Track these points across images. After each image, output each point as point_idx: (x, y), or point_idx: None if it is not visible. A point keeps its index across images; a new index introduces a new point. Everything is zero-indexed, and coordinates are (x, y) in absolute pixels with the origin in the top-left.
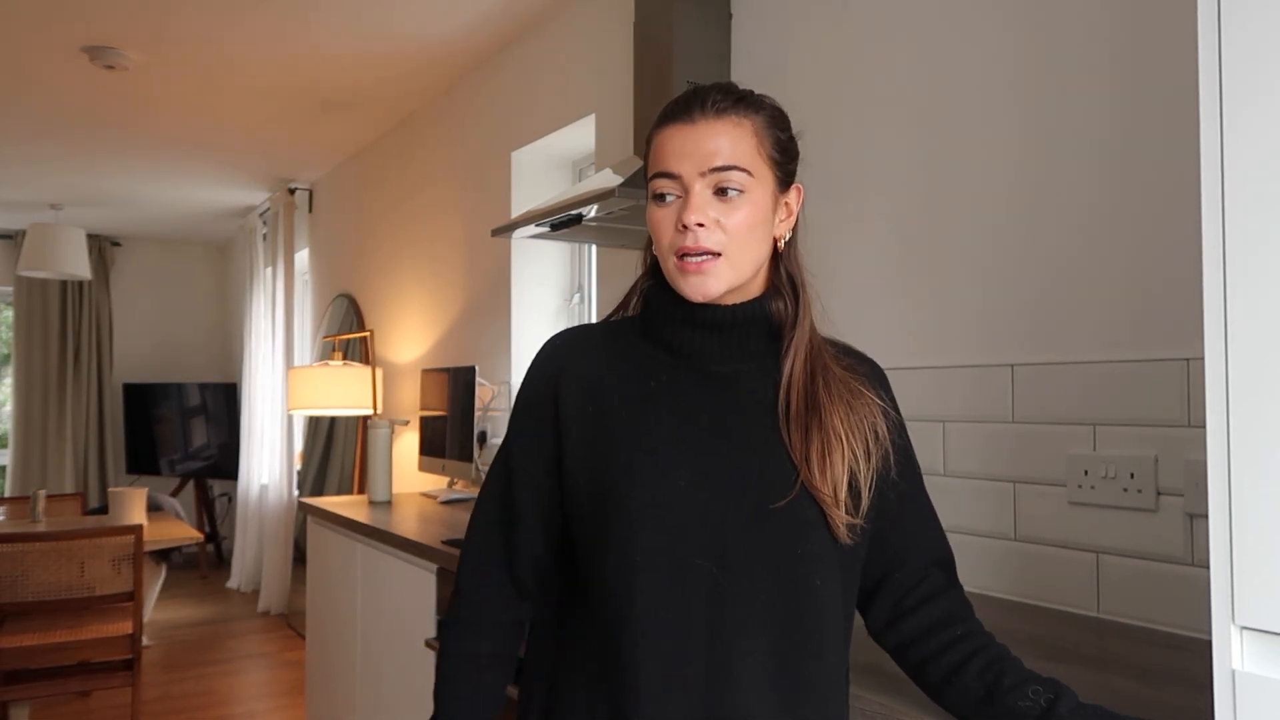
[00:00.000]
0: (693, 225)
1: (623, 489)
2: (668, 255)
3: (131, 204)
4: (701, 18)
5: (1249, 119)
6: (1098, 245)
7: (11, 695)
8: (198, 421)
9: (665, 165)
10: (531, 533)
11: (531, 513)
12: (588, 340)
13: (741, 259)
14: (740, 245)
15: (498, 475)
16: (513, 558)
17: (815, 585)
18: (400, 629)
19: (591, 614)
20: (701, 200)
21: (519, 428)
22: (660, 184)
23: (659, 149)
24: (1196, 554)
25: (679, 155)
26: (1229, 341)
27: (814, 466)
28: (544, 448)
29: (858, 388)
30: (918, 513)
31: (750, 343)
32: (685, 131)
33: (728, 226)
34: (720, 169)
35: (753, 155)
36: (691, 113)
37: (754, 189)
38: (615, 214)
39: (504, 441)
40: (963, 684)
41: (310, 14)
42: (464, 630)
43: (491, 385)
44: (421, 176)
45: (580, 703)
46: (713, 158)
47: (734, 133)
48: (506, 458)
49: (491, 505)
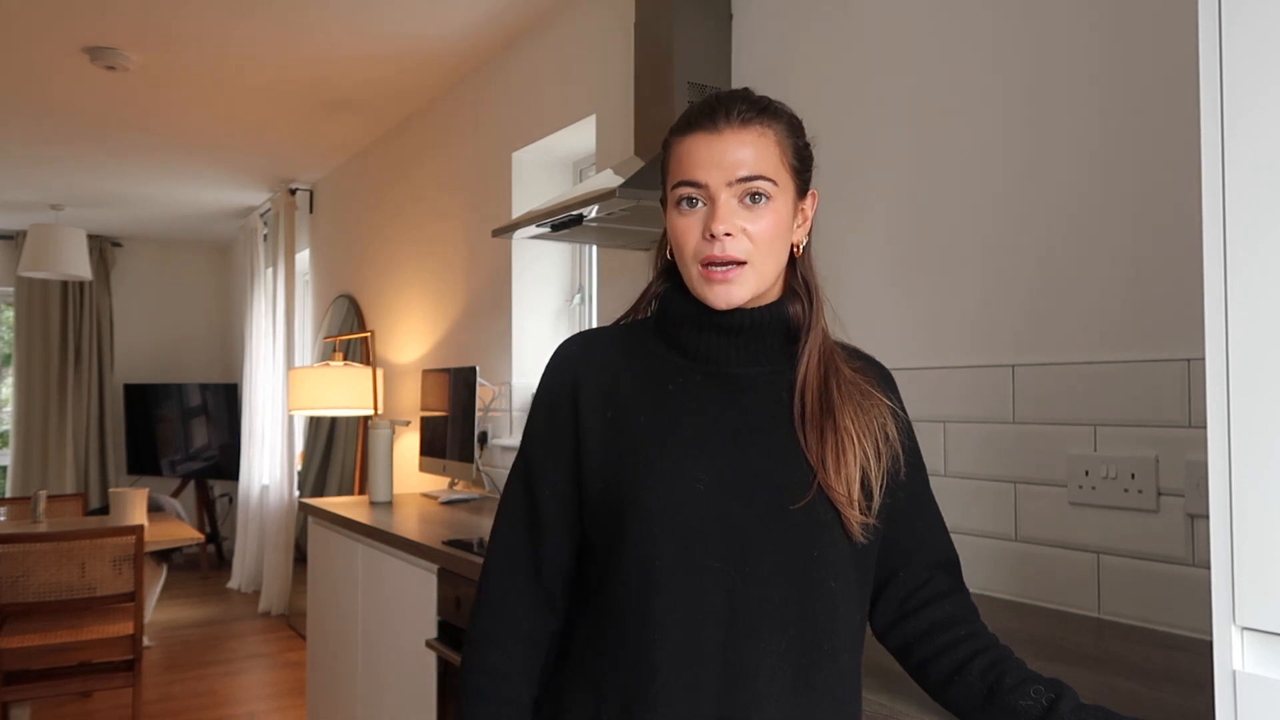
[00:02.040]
0: (721, 235)
1: (640, 492)
2: (691, 263)
3: (132, 204)
4: (702, 18)
5: (1250, 119)
6: (1099, 246)
7: (12, 696)
8: (198, 422)
9: (691, 174)
10: (558, 542)
11: (557, 521)
12: (603, 345)
13: (766, 267)
14: (765, 253)
15: (518, 485)
16: (540, 569)
17: (830, 587)
18: (401, 630)
19: (604, 616)
20: (728, 210)
21: (537, 435)
22: (685, 191)
23: (683, 157)
24: (1197, 554)
25: (705, 164)
26: (1229, 342)
27: (829, 467)
28: (563, 454)
29: (867, 389)
30: (925, 514)
31: (767, 346)
32: (711, 140)
33: (754, 235)
34: (747, 179)
35: (776, 164)
36: (716, 121)
37: (777, 197)
38: (616, 214)
39: (521, 451)
40: (965, 683)
41: (311, 15)
42: (490, 644)
43: (492, 386)
44: (422, 177)
45: (586, 703)
46: (739, 167)
47: (759, 142)
48: (526, 467)
49: (515, 515)
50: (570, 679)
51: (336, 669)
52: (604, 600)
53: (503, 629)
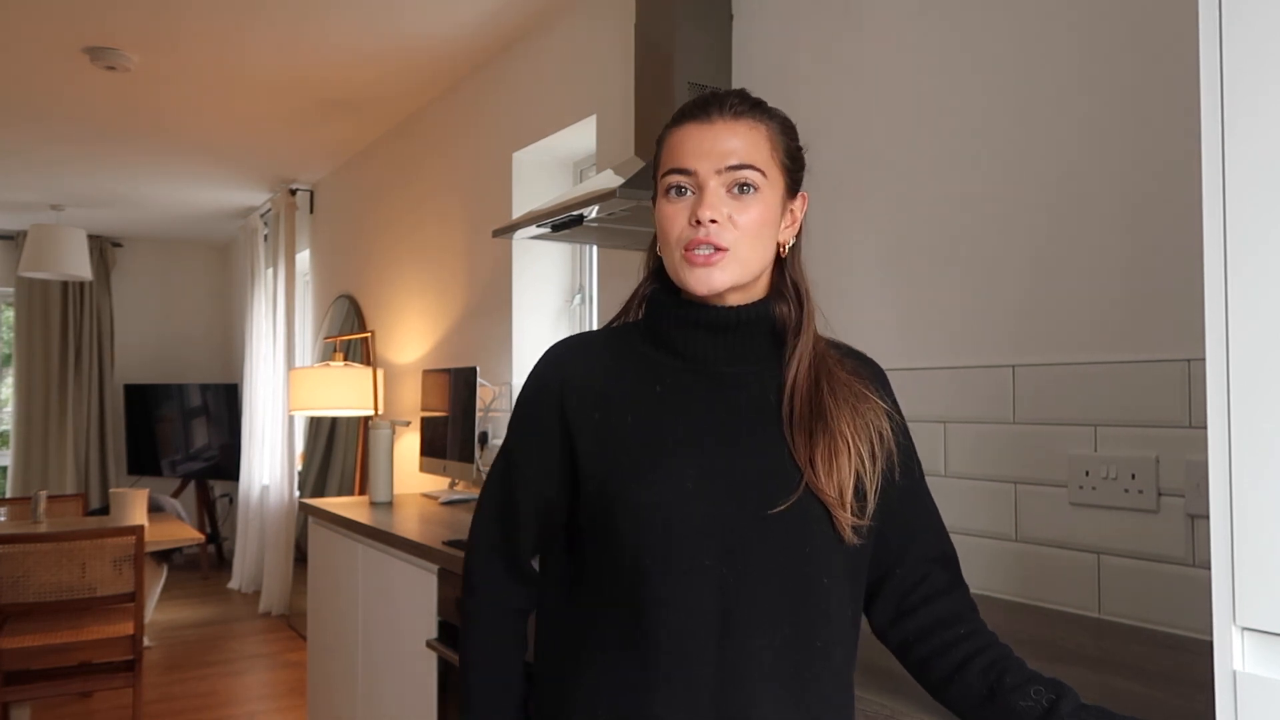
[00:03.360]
0: (706, 220)
1: (630, 491)
2: (675, 248)
3: (132, 205)
4: (702, 19)
5: (1250, 119)
6: (1099, 246)
7: (13, 696)
8: (199, 422)
9: (681, 162)
10: (530, 534)
11: (530, 518)
12: (589, 348)
13: (749, 255)
14: (749, 243)
15: (498, 478)
16: (515, 555)
17: (823, 584)
18: (401, 630)
19: (599, 616)
20: (716, 197)
21: (520, 434)
22: (674, 179)
23: (674, 146)
24: (1198, 555)
25: (695, 153)
26: (1230, 342)
27: (819, 469)
28: (546, 456)
29: (862, 391)
30: (920, 510)
31: (754, 345)
32: (703, 130)
33: (739, 223)
34: (736, 167)
35: (767, 158)
36: (709, 113)
37: (766, 189)
38: (616, 215)
39: (504, 446)
40: (965, 682)
41: (311, 15)
42: (480, 620)
43: (493, 386)
44: (423, 177)
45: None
46: (729, 156)
47: (750, 134)
48: (507, 464)
49: (492, 506)
50: (569, 677)
51: (337, 669)
52: (599, 600)
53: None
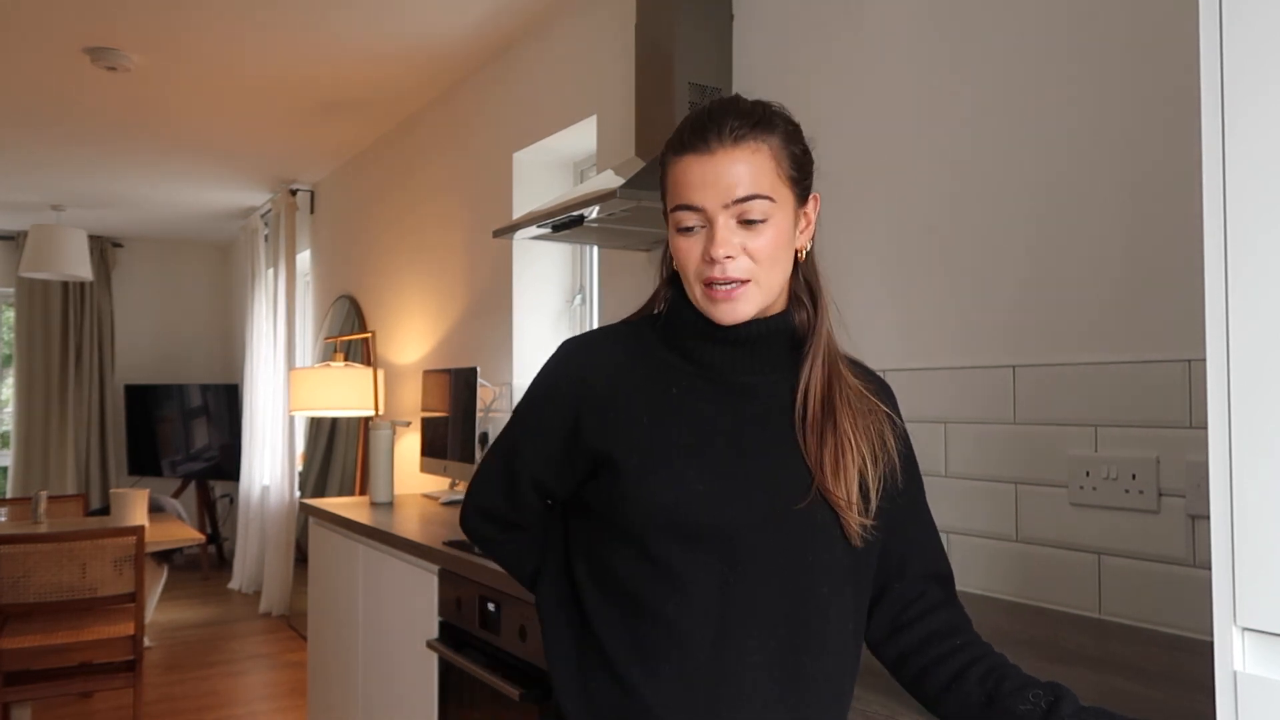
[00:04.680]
0: (720, 259)
1: (640, 491)
2: (695, 283)
3: (133, 205)
4: (703, 19)
5: (1251, 119)
6: (1099, 246)
7: (13, 696)
8: (199, 423)
9: (686, 198)
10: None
11: (526, 499)
12: (605, 347)
13: (770, 281)
14: (767, 269)
15: (500, 452)
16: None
17: (823, 593)
18: (402, 630)
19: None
20: (726, 232)
21: (527, 421)
22: (683, 216)
23: (678, 180)
24: (1198, 555)
25: (700, 187)
26: (1230, 343)
27: (828, 470)
28: (551, 448)
29: (867, 396)
30: (920, 525)
31: (773, 355)
32: (704, 162)
33: (754, 252)
34: (743, 200)
35: (773, 180)
36: (709, 141)
37: (776, 213)
38: (617, 215)
39: (509, 428)
40: (963, 690)
41: (312, 16)
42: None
43: (493, 386)
44: (423, 178)
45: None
46: (734, 189)
47: (753, 159)
48: (511, 445)
49: (491, 477)
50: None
51: (337, 670)
52: (606, 594)
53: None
